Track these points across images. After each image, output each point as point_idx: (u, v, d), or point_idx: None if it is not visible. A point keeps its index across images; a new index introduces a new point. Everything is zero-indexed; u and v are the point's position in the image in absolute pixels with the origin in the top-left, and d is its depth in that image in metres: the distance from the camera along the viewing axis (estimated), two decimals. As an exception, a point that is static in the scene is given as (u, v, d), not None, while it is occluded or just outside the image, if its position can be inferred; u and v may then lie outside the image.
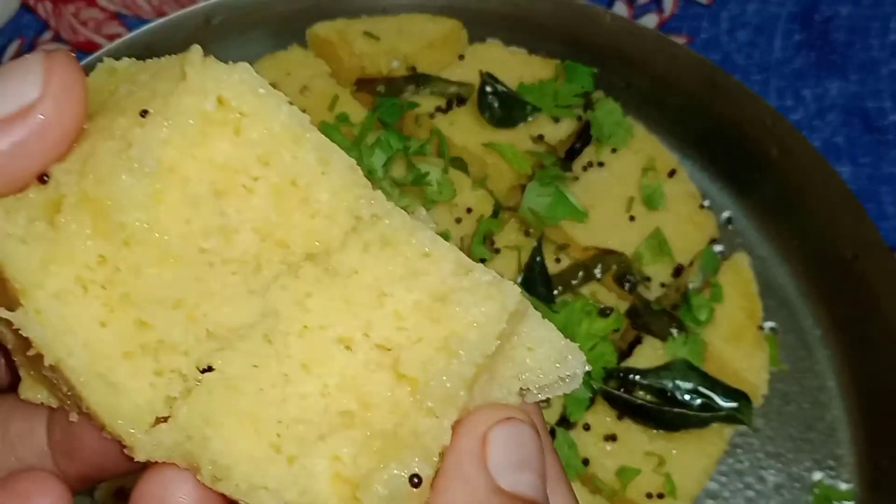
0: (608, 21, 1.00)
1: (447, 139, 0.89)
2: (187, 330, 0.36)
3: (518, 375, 0.39)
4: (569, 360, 0.39)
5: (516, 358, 0.39)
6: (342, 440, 0.36)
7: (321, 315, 0.37)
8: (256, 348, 0.37)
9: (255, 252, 0.37)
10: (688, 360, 0.80)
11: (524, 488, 0.39)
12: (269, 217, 0.37)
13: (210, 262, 0.37)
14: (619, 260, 0.85)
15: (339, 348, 0.37)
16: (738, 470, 0.86)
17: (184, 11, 0.99)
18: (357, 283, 0.38)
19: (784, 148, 0.94)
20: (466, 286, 0.37)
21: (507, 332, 0.37)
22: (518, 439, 0.40)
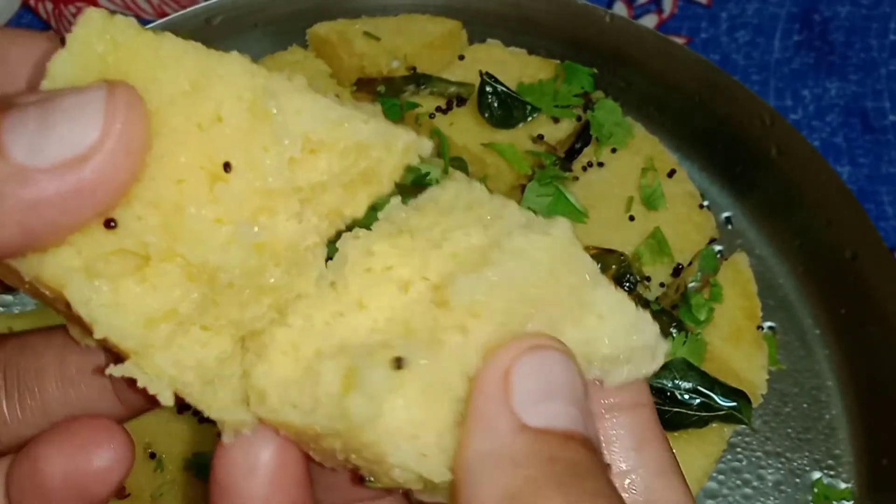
0: (608, 21, 1.00)
1: (447, 139, 0.89)
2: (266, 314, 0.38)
3: (588, 341, 0.38)
4: (642, 329, 0.38)
5: (585, 324, 0.38)
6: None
7: (384, 258, 0.38)
8: (321, 293, 0.38)
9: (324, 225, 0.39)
10: (687, 360, 0.80)
11: (554, 419, 0.35)
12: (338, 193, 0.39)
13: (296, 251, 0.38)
14: (618, 260, 0.85)
15: (396, 287, 0.38)
16: (737, 469, 0.86)
17: (184, 11, 0.99)
18: (421, 235, 0.39)
19: (783, 148, 0.94)
20: (522, 226, 0.38)
21: (558, 268, 0.37)
22: (545, 367, 0.36)
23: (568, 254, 0.38)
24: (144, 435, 0.74)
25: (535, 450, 0.35)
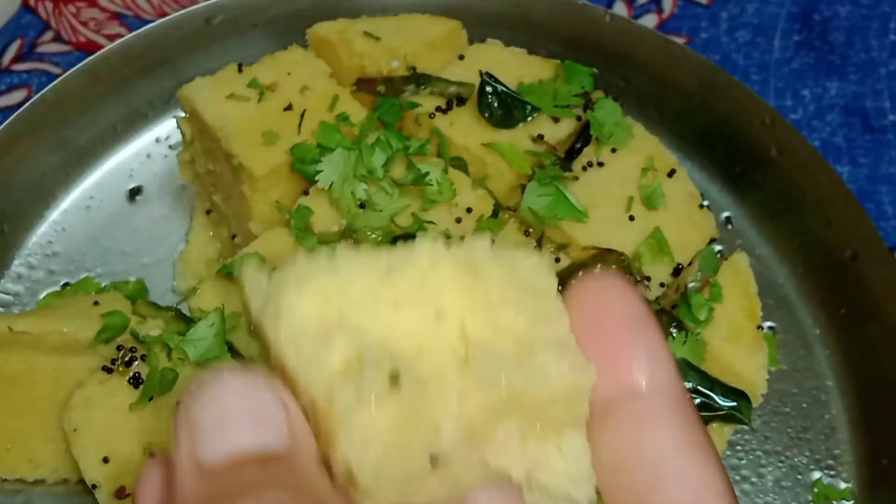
0: (608, 21, 1.00)
1: (447, 139, 0.89)
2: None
3: (538, 464, 0.38)
4: (581, 486, 0.38)
5: (544, 448, 0.38)
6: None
7: (442, 280, 0.38)
8: (374, 269, 0.38)
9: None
10: (687, 360, 0.80)
11: (232, 448, 0.33)
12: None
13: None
14: (618, 260, 0.85)
15: (434, 312, 0.38)
16: (737, 469, 0.86)
17: (184, 11, 0.99)
18: (485, 288, 0.39)
19: (783, 148, 0.94)
20: (559, 348, 0.38)
21: (560, 408, 0.38)
22: (226, 392, 0.34)
23: (576, 396, 0.38)
24: (144, 435, 0.74)
25: (207, 490, 0.33)
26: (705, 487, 0.36)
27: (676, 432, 0.37)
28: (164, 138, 1.05)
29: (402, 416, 0.36)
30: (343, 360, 0.36)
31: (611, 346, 0.38)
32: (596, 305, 0.39)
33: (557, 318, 0.39)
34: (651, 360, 0.38)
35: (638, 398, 0.38)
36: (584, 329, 0.38)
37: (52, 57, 1.13)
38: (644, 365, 0.38)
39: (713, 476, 0.37)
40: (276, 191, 0.85)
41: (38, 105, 0.95)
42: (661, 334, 0.39)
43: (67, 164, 1.00)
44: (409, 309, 0.38)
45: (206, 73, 0.93)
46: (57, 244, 0.98)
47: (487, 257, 0.39)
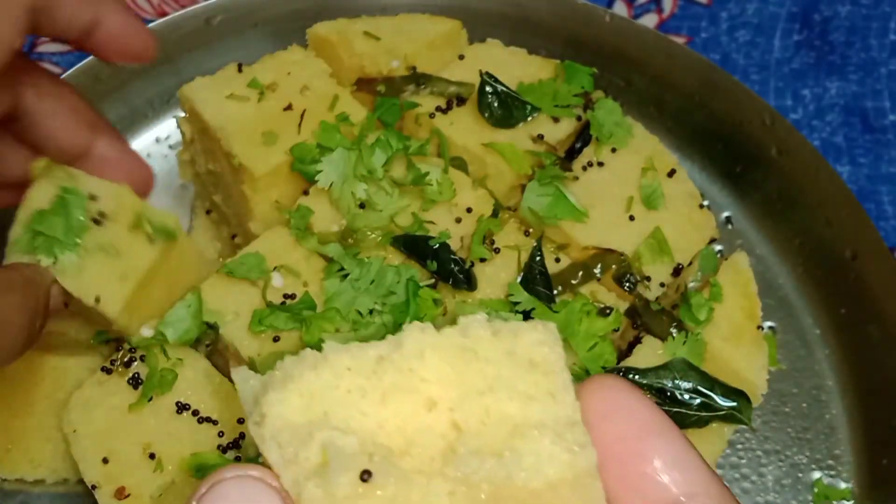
0: (608, 21, 1.00)
1: (447, 139, 0.89)
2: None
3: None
4: None
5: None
6: None
7: (431, 370, 0.38)
8: (361, 359, 0.39)
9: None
10: (687, 360, 0.80)
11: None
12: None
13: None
14: (618, 260, 0.85)
15: (423, 403, 0.38)
16: (737, 467, 0.86)
17: (184, 11, 0.99)
18: (480, 370, 0.38)
19: (783, 148, 0.94)
20: (557, 430, 0.37)
21: (564, 493, 0.37)
22: (225, 494, 0.36)
23: (580, 480, 0.37)
24: (144, 435, 0.74)
25: None
26: None
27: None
28: (164, 138, 1.05)
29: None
30: (319, 459, 0.36)
31: (635, 453, 0.38)
32: (612, 423, 0.39)
33: (562, 393, 0.39)
34: (684, 466, 0.38)
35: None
36: (607, 450, 0.38)
37: (52, 57, 1.13)
38: (679, 475, 0.38)
39: None
40: (276, 191, 0.85)
41: (38, 105, 0.95)
42: (682, 436, 0.39)
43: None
44: (398, 402, 0.38)
45: (206, 73, 0.93)
46: (57, 244, 0.98)
47: (484, 336, 0.39)
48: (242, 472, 0.37)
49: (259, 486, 0.36)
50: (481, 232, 0.84)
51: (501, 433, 0.37)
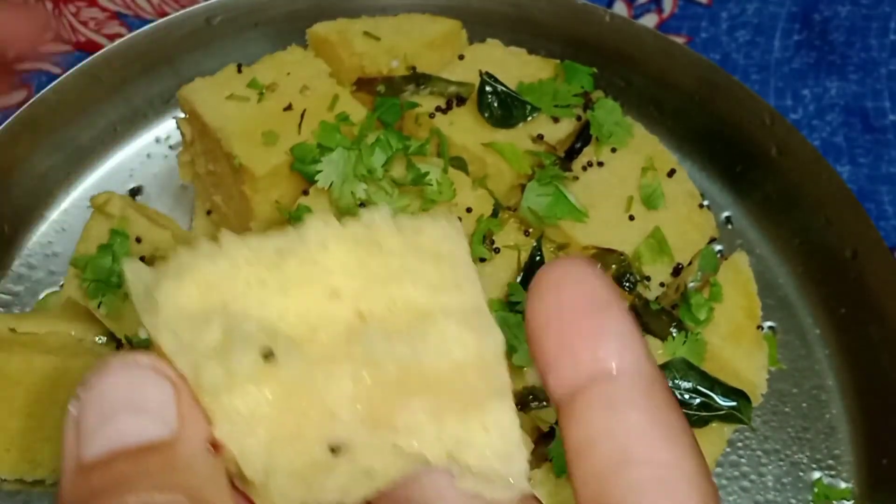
0: (608, 21, 1.00)
1: (447, 139, 0.89)
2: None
3: (461, 443, 0.36)
4: (513, 462, 0.36)
5: (468, 426, 0.36)
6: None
7: (335, 261, 0.37)
8: (261, 251, 0.37)
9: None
10: (687, 360, 0.80)
11: (111, 442, 0.32)
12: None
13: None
14: (618, 259, 0.85)
15: (327, 294, 0.36)
16: (737, 466, 0.86)
17: (184, 11, 0.99)
18: (384, 262, 0.37)
19: (783, 147, 0.94)
20: (463, 314, 0.36)
21: (470, 377, 0.36)
22: (117, 385, 0.34)
23: (486, 363, 0.36)
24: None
25: (83, 489, 0.32)
26: (673, 469, 0.35)
27: (645, 415, 0.36)
28: (164, 138, 1.05)
29: (286, 399, 0.34)
30: (216, 342, 0.34)
31: (575, 331, 0.37)
32: (558, 292, 0.37)
33: (468, 285, 0.37)
34: (618, 342, 0.37)
35: (605, 382, 0.36)
36: (547, 317, 0.37)
37: (52, 57, 1.13)
38: (611, 348, 0.37)
39: (683, 458, 0.35)
40: (277, 191, 0.85)
41: (38, 105, 0.95)
42: (628, 316, 0.38)
43: (67, 164, 1.00)
44: (300, 292, 0.36)
45: (206, 73, 0.93)
46: (57, 244, 0.98)
47: (387, 230, 0.38)
48: (130, 359, 0.34)
49: (148, 373, 0.34)
50: (481, 232, 0.84)
51: (407, 319, 0.36)
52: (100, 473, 0.31)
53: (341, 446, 0.35)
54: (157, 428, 0.33)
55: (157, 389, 0.33)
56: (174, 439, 0.32)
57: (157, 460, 0.32)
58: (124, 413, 0.33)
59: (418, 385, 0.36)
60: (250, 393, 0.34)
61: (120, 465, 0.31)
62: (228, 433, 0.34)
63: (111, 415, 0.33)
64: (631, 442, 0.35)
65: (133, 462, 0.32)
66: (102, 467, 0.32)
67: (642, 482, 0.35)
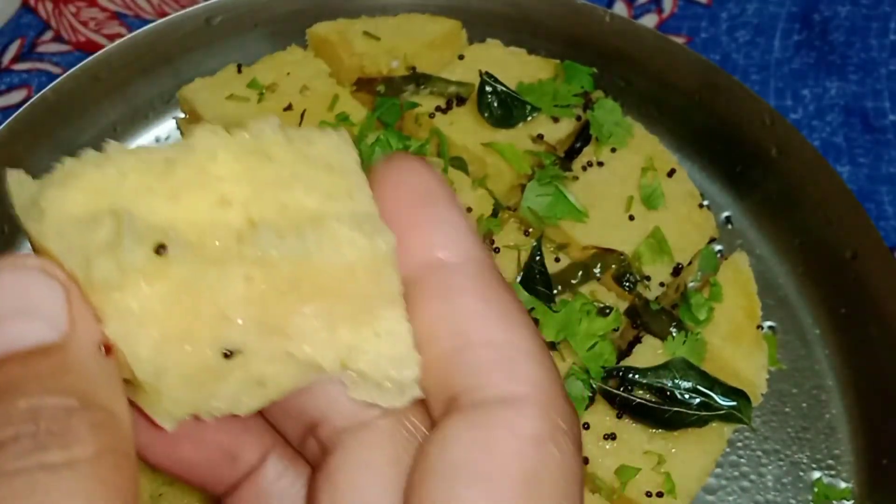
0: (608, 21, 1.00)
1: (447, 139, 0.89)
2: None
3: (353, 349, 0.36)
4: (405, 366, 0.36)
5: (360, 332, 0.36)
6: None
7: (225, 168, 0.36)
8: (147, 161, 0.36)
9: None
10: (687, 359, 0.80)
11: (9, 342, 0.31)
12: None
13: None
14: (618, 259, 0.85)
15: (216, 200, 0.36)
16: (736, 468, 0.86)
17: (184, 11, 0.99)
18: (275, 171, 0.37)
19: (783, 148, 0.94)
20: (355, 219, 0.36)
21: (361, 277, 0.36)
22: (15, 283, 0.33)
23: (378, 266, 0.36)
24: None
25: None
26: (511, 348, 0.35)
27: (479, 299, 0.36)
28: (164, 138, 1.05)
29: (178, 298, 0.33)
30: (107, 237, 0.34)
31: (408, 222, 0.37)
32: (390, 184, 0.38)
33: (358, 192, 0.37)
34: (448, 231, 0.37)
35: (439, 271, 0.37)
36: (384, 212, 0.37)
37: (52, 57, 1.13)
38: (442, 237, 0.37)
39: (520, 337, 0.36)
40: (276, 191, 0.85)
41: (38, 105, 0.95)
42: (459, 207, 0.38)
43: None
44: (189, 199, 0.35)
45: (206, 73, 0.93)
46: (57, 244, 0.98)
47: (277, 140, 0.37)
48: (18, 261, 0.33)
49: (37, 275, 0.33)
50: (481, 232, 0.84)
51: (299, 222, 0.36)
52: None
53: (234, 351, 0.35)
54: (46, 331, 0.32)
55: (47, 291, 0.33)
56: (65, 341, 0.32)
57: (47, 364, 0.31)
58: (13, 317, 0.32)
59: (311, 289, 0.35)
60: (142, 289, 0.33)
61: (9, 369, 0.31)
62: (119, 332, 0.33)
63: (0, 319, 0.32)
64: (468, 326, 0.36)
65: (23, 365, 0.31)
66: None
67: (483, 363, 0.35)
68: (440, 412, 0.36)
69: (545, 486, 0.33)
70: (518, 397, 0.34)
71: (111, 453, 0.31)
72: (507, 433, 0.34)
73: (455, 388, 0.35)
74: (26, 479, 0.29)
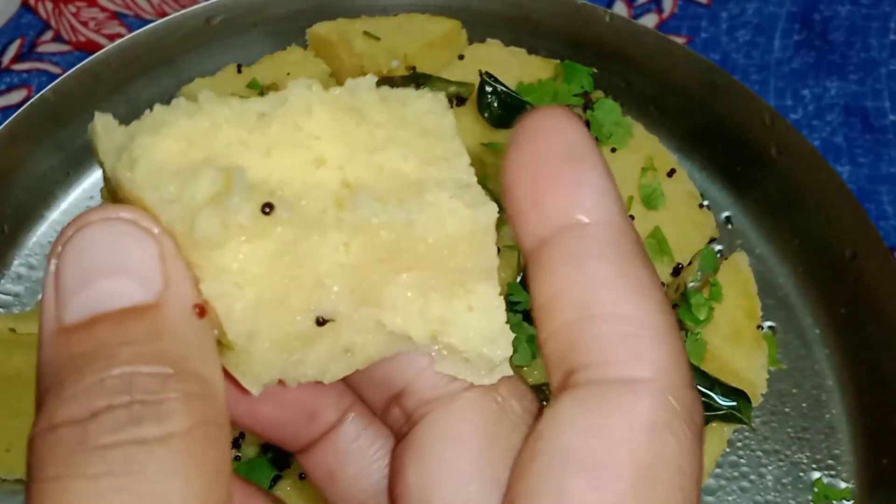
0: (608, 21, 1.00)
1: (447, 139, 0.89)
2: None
3: (445, 322, 0.35)
4: (497, 345, 0.35)
5: (453, 305, 0.35)
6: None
7: (319, 127, 0.35)
8: (243, 113, 0.35)
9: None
10: (687, 360, 0.80)
11: (98, 303, 0.30)
12: None
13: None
14: (618, 259, 0.85)
15: (311, 159, 0.34)
16: (736, 466, 0.86)
17: (184, 11, 0.99)
18: (370, 132, 0.35)
19: (783, 147, 0.94)
20: (454, 188, 0.35)
21: (459, 250, 0.34)
22: (100, 242, 0.31)
23: (478, 238, 0.34)
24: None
25: (63, 354, 0.29)
26: (639, 324, 0.33)
27: (611, 267, 0.34)
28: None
29: (278, 260, 0.32)
30: (210, 191, 0.32)
31: (547, 180, 0.35)
32: (534, 141, 0.35)
33: (456, 158, 0.36)
34: (590, 193, 0.35)
35: (574, 234, 0.34)
36: (521, 167, 0.35)
37: (52, 57, 1.13)
38: (582, 198, 0.35)
39: (649, 313, 0.33)
40: (276, 191, 0.85)
41: (38, 105, 0.95)
42: (605, 169, 0.36)
43: (67, 164, 1.00)
44: (283, 156, 0.34)
45: (206, 73, 0.93)
46: (57, 244, 0.98)
47: (373, 99, 0.36)
48: (111, 212, 0.31)
49: (131, 229, 0.31)
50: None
51: (398, 188, 0.34)
52: (80, 339, 0.30)
53: (327, 318, 0.33)
54: (140, 290, 0.30)
55: (140, 247, 0.31)
56: (159, 302, 0.30)
57: (140, 326, 0.30)
58: (106, 274, 0.30)
59: (408, 259, 0.34)
60: (243, 248, 0.31)
61: (102, 331, 0.30)
62: (216, 292, 0.31)
63: (92, 275, 0.30)
64: (596, 295, 0.33)
65: (115, 327, 0.30)
66: (83, 332, 0.30)
67: (606, 338, 0.33)
68: (557, 384, 0.34)
69: (659, 479, 0.32)
70: (637, 380, 0.32)
71: (206, 426, 0.29)
72: (623, 421, 0.32)
73: (574, 361, 0.33)
74: (121, 453, 0.28)
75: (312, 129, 0.34)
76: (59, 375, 0.29)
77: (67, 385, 0.29)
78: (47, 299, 0.31)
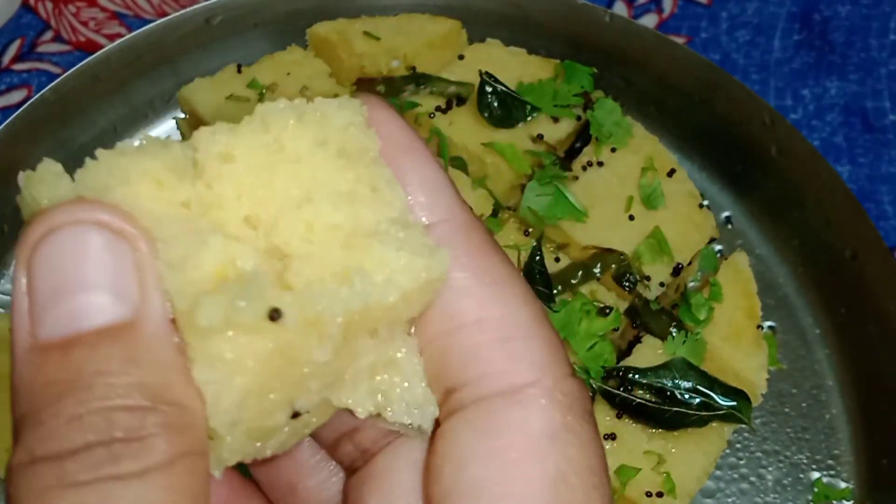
0: (608, 21, 1.00)
1: (447, 139, 0.89)
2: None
3: (385, 394, 0.34)
4: (425, 413, 0.34)
5: (392, 379, 0.34)
6: None
7: (231, 182, 0.33)
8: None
9: None
10: (687, 360, 0.80)
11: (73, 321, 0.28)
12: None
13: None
14: (618, 259, 0.85)
15: (240, 219, 0.33)
16: (736, 468, 0.86)
17: (184, 11, 0.99)
18: (291, 171, 0.33)
19: (783, 147, 0.94)
20: (398, 235, 0.33)
21: (413, 300, 0.33)
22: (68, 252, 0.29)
23: (431, 286, 0.33)
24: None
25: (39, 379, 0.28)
26: (507, 324, 0.32)
27: (466, 271, 0.33)
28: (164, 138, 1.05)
29: (272, 359, 0.31)
30: (215, 268, 0.31)
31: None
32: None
33: (386, 188, 0.33)
34: (423, 188, 0.34)
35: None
36: None
37: (52, 57, 1.13)
38: (416, 196, 0.34)
39: (515, 308, 0.33)
40: (276, 191, 0.85)
41: (38, 105, 0.95)
42: (434, 160, 0.34)
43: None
44: (215, 219, 0.33)
45: (206, 73, 0.93)
46: (57, 244, 0.98)
47: (288, 123, 0.34)
48: (81, 214, 0.29)
49: (102, 234, 0.29)
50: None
51: (335, 250, 0.32)
52: (56, 363, 0.28)
53: (301, 412, 0.33)
54: (116, 306, 0.29)
55: (114, 255, 0.29)
56: (135, 319, 0.29)
57: (118, 351, 0.28)
58: (80, 289, 0.29)
59: (363, 331, 0.33)
60: (241, 342, 0.30)
61: (78, 356, 0.28)
62: (208, 378, 0.31)
63: (65, 290, 0.29)
64: (457, 303, 0.33)
65: (92, 352, 0.28)
66: (59, 356, 0.28)
67: (478, 347, 0.32)
68: (441, 404, 0.34)
69: (573, 485, 0.31)
70: (521, 387, 0.32)
71: (185, 458, 0.29)
72: (520, 438, 0.31)
73: (454, 379, 0.33)
74: (98, 489, 0.27)
75: (232, 187, 0.33)
76: (35, 403, 0.28)
77: (45, 418, 0.28)
78: (19, 313, 0.29)
